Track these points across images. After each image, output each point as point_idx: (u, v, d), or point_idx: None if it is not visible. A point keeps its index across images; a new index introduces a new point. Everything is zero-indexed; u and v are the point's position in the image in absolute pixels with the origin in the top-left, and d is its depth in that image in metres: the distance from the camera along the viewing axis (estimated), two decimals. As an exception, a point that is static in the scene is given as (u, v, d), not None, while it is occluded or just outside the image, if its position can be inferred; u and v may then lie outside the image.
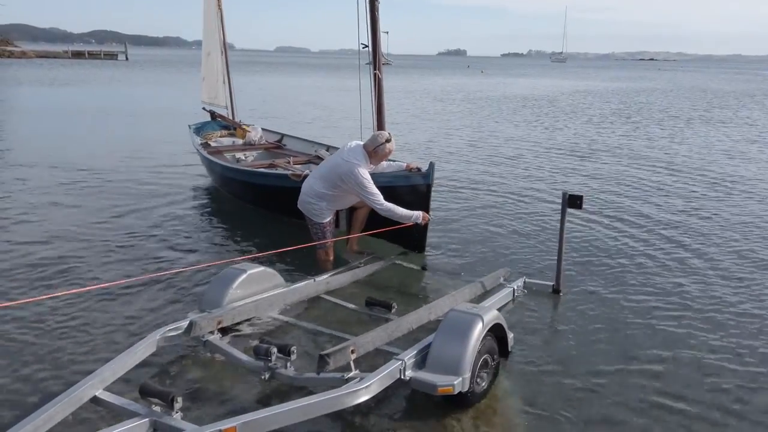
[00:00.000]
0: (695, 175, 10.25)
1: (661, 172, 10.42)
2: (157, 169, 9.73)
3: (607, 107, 24.34)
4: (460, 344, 3.15)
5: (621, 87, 41.64)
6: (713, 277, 5.36)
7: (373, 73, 5.93)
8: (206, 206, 7.66)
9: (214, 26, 9.69)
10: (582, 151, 12.77)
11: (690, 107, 25.03)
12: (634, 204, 8.06)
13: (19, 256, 5.55)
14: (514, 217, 7.29)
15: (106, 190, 8.25)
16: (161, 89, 31.36)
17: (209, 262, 5.30)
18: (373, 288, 4.89)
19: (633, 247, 6.16)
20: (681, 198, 8.49)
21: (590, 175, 10.09)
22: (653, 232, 6.75)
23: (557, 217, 4.91)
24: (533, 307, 4.61)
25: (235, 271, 4.13)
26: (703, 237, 6.59)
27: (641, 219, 7.29)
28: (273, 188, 6.30)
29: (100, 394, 2.94)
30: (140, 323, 4.23)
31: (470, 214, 7.37)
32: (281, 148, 8.89)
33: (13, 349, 3.83)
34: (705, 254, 6.00)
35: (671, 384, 3.59)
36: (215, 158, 7.71)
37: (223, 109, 10.06)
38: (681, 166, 11.11)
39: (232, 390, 3.39)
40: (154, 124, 16.34)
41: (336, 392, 2.88)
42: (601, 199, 8.30)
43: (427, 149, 12.55)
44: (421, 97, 27.37)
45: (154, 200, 7.73)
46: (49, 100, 22.95)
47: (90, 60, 70.54)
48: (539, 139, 14.45)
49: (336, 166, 5.06)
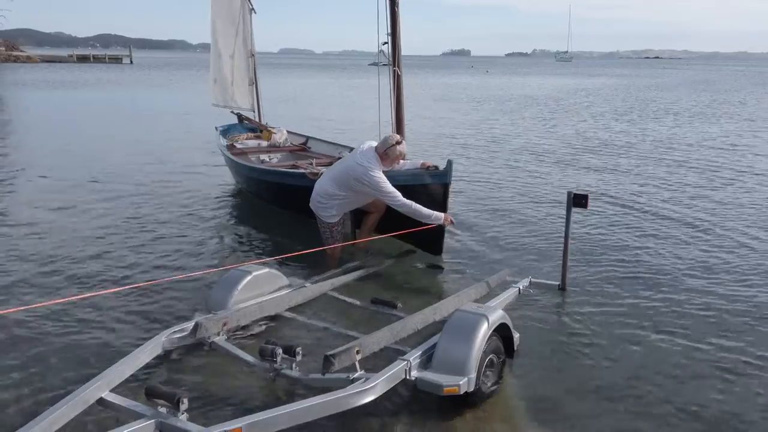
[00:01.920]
0: (704, 171, 10.19)
1: (668, 169, 10.38)
2: (179, 171, 9.83)
3: (613, 104, 24.26)
4: (466, 344, 3.14)
5: (630, 83, 41.51)
6: (722, 274, 5.33)
7: (392, 70, 5.91)
8: (226, 207, 7.70)
9: (232, 29, 9.77)
10: (587, 149, 12.73)
11: (699, 102, 24.90)
12: (639, 202, 8.03)
13: (35, 259, 5.59)
14: (519, 216, 7.27)
15: (125, 192, 8.32)
16: (176, 92, 31.51)
17: (218, 265, 5.34)
18: (379, 287, 4.89)
19: (639, 245, 6.13)
20: (688, 195, 8.44)
21: (596, 173, 10.05)
22: (660, 230, 6.71)
23: (562, 216, 4.89)
24: (539, 306, 4.59)
25: (240, 272, 4.14)
26: (711, 234, 6.55)
27: (647, 217, 7.26)
28: (290, 187, 6.33)
29: (106, 395, 2.95)
30: (147, 325, 4.24)
31: (475, 213, 7.35)
32: (306, 150, 8.93)
33: (20, 351, 3.85)
34: (713, 251, 5.96)
35: (680, 382, 3.57)
36: (238, 159, 7.79)
37: (249, 111, 10.21)
38: (689, 162, 11.06)
39: (237, 391, 3.39)
40: (174, 125, 16.44)
41: (341, 393, 2.88)
42: (606, 197, 8.27)
43: (431, 148, 12.54)
44: (424, 98, 27.39)
45: (174, 202, 7.79)
46: (62, 103, 23.12)
47: (95, 64, 70.91)
48: (544, 138, 14.42)
49: (349, 169, 5.08)
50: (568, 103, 25.67)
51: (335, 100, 26.35)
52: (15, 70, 51.56)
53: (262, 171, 7.13)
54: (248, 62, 9.96)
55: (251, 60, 9.95)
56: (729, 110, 22.44)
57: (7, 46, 73.68)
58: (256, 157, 8.44)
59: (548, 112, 21.28)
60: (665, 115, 20.52)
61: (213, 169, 9.91)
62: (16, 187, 8.67)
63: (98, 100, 25.27)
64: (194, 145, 12.44)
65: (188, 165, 10.44)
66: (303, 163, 7.51)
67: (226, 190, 8.53)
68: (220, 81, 10.22)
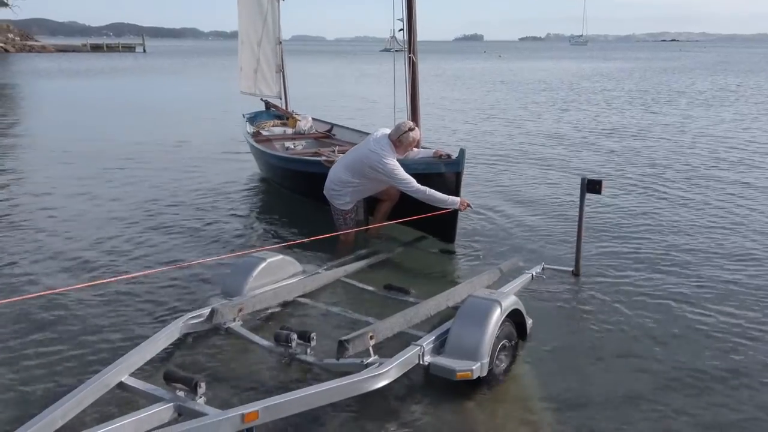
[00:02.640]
0: (720, 155, 10.07)
1: (683, 154, 10.26)
2: (203, 158, 9.97)
3: (628, 89, 23.96)
4: (479, 330, 3.16)
5: (646, 66, 40.91)
6: (738, 260, 5.28)
7: (407, 57, 5.89)
8: (248, 195, 7.74)
9: (260, 17, 9.82)
10: (602, 134, 12.61)
11: (716, 87, 24.51)
12: (654, 187, 7.96)
13: (57, 245, 5.71)
14: (532, 202, 7.25)
15: (148, 179, 8.46)
16: (201, 79, 31.62)
17: (235, 251, 5.39)
18: (392, 272, 4.92)
19: (655, 230, 6.09)
20: (705, 179, 8.34)
21: (611, 157, 9.97)
22: (676, 214, 6.66)
23: (576, 201, 4.87)
24: (552, 292, 4.59)
25: (254, 259, 4.19)
26: (726, 219, 6.49)
27: (662, 202, 7.20)
28: (307, 174, 6.38)
29: (126, 379, 3.01)
30: (164, 311, 4.31)
31: (488, 199, 7.34)
32: (330, 137, 8.96)
33: (43, 335, 3.93)
34: (728, 236, 5.91)
35: (691, 365, 3.56)
36: (261, 146, 7.86)
37: (276, 99, 10.31)
38: (704, 146, 10.93)
39: (253, 375, 3.45)
40: (201, 113, 16.56)
41: (355, 377, 2.92)
42: (621, 181, 8.20)
43: (444, 134, 12.49)
44: (435, 83, 27.22)
45: (196, 189, 7.89)
46: (79, 92, 23.31)
47: (108, 53, 71.23)
48: (558, 123, 14.30)
49: (363, 156, 5.11)
50: (582, 87, 25.39)
51: (351, 87, 26.26)
52: (32, 59, 52.01)
53: (280, 158, 7.16)
54: (276, 50, 10.05)
55: (279, 47, 10.04)
56: (746, 93, 22.07)
57: (21, 36, 74.24)
58: (281, 144, 8.52)
59: (563, 97, 21.06)
60: (679, 98, 20.23)
61: (238, 156, 10.00)
62: (37, 175, 8.81)
63: (122, 88, 25.46)
64: (223, 133, 12.53)
65: (214, 153, 10.53)
66: (325, 151, 7.53)
67: (251, 178, 8.58)
68: (248, 68, 10.32)
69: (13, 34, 72.52)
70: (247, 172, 8.85)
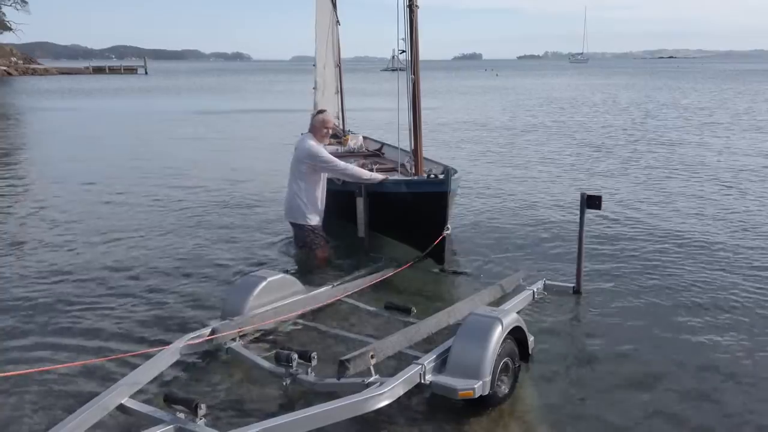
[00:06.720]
0: (721, 174, 10.09)
1: (682, 173, 10.29)
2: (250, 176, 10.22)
3: (625, 104, 24.08)
4: (480, 348, 3.14)
5: (645, 84, 41.16)
6: (737, 276, 5.27)
7: (410, 77, 5.98)
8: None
9: (325, 40, 10.05)
10: (601, 151, 12.66)
11: (718, 108, 24.64)
12: (653, 203, 7.97)
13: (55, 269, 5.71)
14: (532, 219, 7.25)
15: (188, 200, 8.63)
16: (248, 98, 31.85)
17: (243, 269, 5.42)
18: (392, 292, 4.90)
19: (653, 247, 6.09)
20: (701, 198, 8.36)
21: (609, 175, 9.99)
22: (673, 231, 6.66)
23: (576, 217, 4.87)
24: (554, 309, 4.57)
25: (255, 278, 4.18)
26: (725, 235, 6.49)
27: (661, 218, 7.21)
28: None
29: (126, 401, 2.99)
30: (166, 331, 4.29)
31: (488, 216, 7.35)
32: (379, 156, 9.02)
33: (38, 356, 3.91)
34: (728, 253, 5.89)
35: (694, 383, 3.54)
36: None
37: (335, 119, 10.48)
38: (707, 166, 10.96)
39: (254, 396, 3.42)
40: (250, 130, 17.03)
41: (357, 397, 2.90)
42: (619, 198, 8.22)
43: (442, 151, 12.53)
44: (431, 99, 27.40)
45: (228, 208, 8.10)
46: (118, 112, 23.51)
47: (110, 75, 71.89)
48: (558, 140, 14.35)
49: (296, 158, 5.65)
50: (584, 105, 25.52)
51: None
52: (58, 80, 52.72)
53: None
54: (335, 71, 10.34)
55: (337, 69, 10.33)
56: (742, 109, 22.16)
57: (24, 59, 74.98)
58: None
59: (562, 114, 21.16)
60: (680, 115, 20.32)
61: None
62: (60, 190, 9.08)
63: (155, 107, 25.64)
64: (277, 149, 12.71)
65: (258, 169, 10.82)
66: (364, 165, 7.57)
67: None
68: (318, 88, 10.56)
69: (17, 57, 73.26)
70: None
